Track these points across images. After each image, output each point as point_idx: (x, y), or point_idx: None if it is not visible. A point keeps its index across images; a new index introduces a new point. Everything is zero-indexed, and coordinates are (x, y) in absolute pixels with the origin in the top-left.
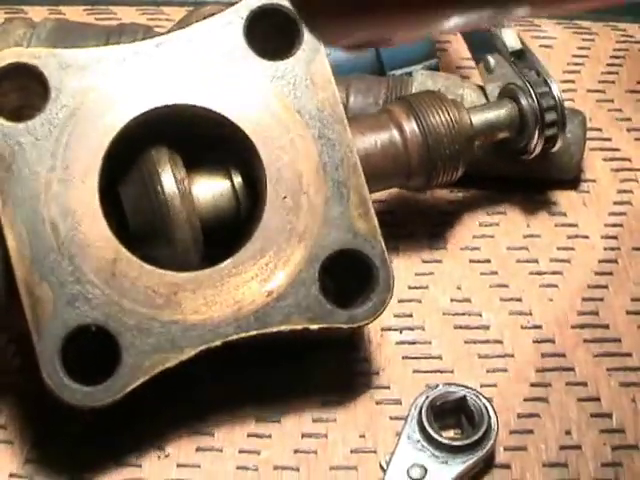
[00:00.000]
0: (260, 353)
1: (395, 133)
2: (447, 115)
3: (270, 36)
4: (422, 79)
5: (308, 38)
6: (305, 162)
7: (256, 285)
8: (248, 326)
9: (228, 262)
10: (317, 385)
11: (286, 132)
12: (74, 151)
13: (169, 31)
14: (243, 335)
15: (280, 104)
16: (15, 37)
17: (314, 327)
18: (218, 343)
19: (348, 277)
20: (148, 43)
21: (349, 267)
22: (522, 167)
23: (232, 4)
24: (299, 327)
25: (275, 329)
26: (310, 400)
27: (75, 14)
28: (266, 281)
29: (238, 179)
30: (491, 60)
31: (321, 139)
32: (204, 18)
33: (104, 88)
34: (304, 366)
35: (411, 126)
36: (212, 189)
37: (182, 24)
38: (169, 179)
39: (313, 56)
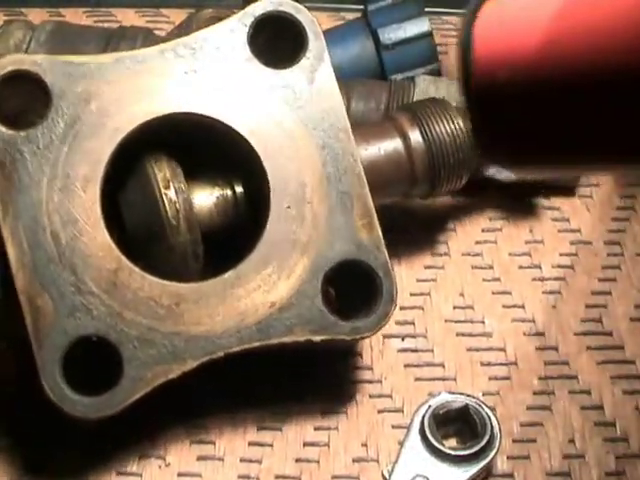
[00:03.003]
0: (261, 362)
1: (399, 142)
2: (451, 124)
3: (274, 44)
4: (424, 85)
5: (312, 46)
6: (309, 172)
7: (259, 296)
8: (251, 337)
9: (231, 273)
10: (318, 393)
11: (290, 141)
12: (75, 160)
13: (169, 34)
14: (246, 347)
15: (284, 113)
16: (15, 40)
17: (317, 339)
18: (221, 354)
19: (351, 287)
20: (152, 50)
21: (352, 278)
22: None
23: (232, 7)
24: (302, 339)
25: (278, 340)
26: (311, 409)
27: (75, 16)
28: (269, 292)
29: (239, 189)
30: None
31: (325, 148)
32: (204, 21)
33: (106, 96)
34: (305, 374)
35: (415, 135)
36: (213, 199)
37: (182, 27)
38: (169, 189)
39: (317, 65)
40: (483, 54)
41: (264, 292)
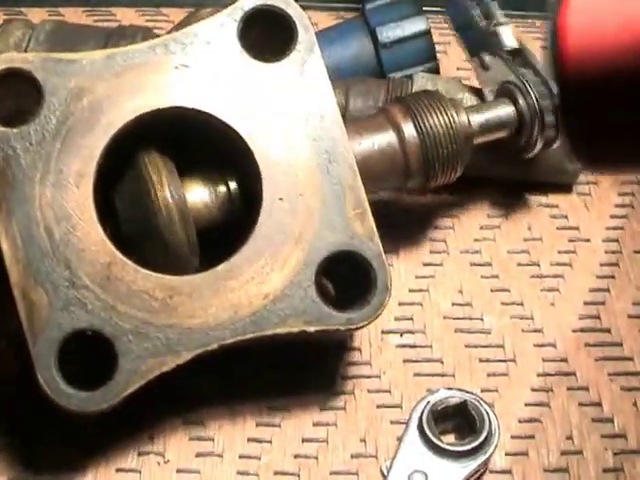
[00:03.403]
0: (259, 357)
1: (392, 134)
2: (445, 115)
3: (264, 38)
4: (422, 82)
5: (302, 39)
6: (301, 164)
7: (253, 288)
8: (245, 329)
9: (224, 265)
10: (317, 389)
11: (282, 134)
12: (68, 156)
13: (168, 33)
14: (240, 338)
15: (275, 105)
16: (14, 38)
17: (311, 330)
18: (215, 347)
19: (346, 278)
20: (142, 46)
21: (347, 268)
22: (523, 171)
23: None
24: (296, 330)
25: (272, 332)
26: (310, 404)
27: (74, 16)
28: (263, 284)
29: (233, 182)
30: (486, 57)
31: (317, 140)
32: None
33: (98, 92)
34: (304, 370)
35: (408, 126)
36: (206, 193)
37: (181, 26)
38: (162, 185)
39: (307, 57)
40: (576, 46)
41: (258, 284)
